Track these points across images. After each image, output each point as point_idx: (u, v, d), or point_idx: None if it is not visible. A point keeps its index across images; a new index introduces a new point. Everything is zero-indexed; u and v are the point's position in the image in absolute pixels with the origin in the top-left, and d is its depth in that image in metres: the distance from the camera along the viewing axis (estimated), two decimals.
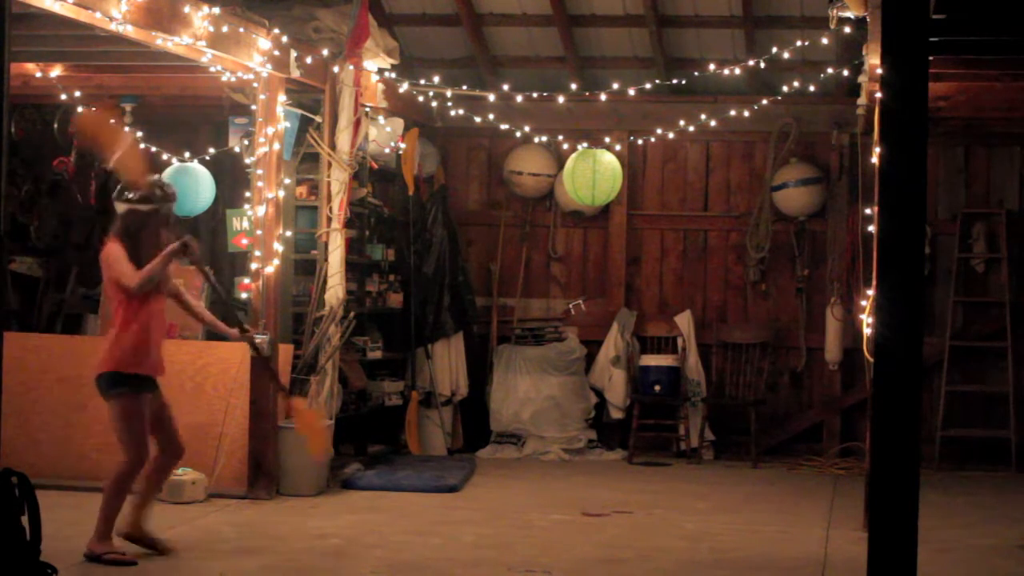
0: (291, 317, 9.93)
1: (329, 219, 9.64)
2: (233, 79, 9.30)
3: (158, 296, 7.28)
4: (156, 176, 7.67)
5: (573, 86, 11.21)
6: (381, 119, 10.51)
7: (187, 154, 9.93)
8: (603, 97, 11.05)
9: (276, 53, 8.83)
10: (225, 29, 8.20)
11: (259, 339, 8.35)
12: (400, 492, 9.35)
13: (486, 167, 12.08)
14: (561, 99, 11.03)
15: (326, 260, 9.64)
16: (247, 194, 9.46)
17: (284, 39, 8.93)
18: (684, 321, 11.54)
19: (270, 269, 9.05)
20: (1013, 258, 11.23)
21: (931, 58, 4.87)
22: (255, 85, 9.08)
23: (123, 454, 7.20)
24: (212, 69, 8.97)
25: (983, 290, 11.38)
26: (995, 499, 9.75)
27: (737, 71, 10.58)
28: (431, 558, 7.32)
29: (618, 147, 11.28)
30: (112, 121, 8.02)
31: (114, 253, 7.16)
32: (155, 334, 7.28)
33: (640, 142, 11.63)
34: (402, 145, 10.81)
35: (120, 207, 7.26)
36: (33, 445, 9.19)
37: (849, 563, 7.33)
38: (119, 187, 7.31)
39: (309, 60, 9.23)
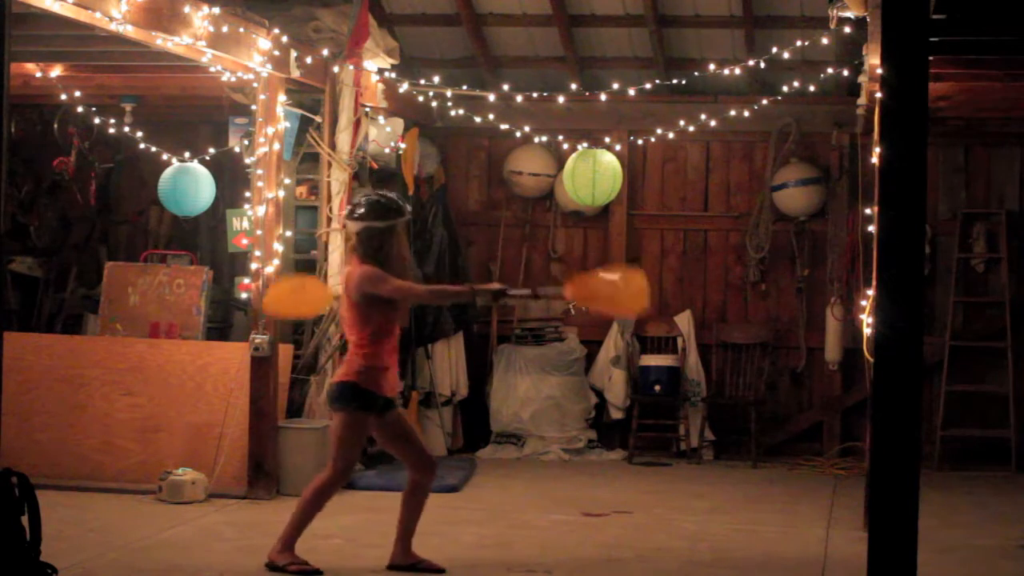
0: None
1: (329, 219, 9.65)
2: (233, 79, 9.30)
3: (396, 320, 7.08)
4: (387, 192, 7.33)
5: (573, 86, 11.21)
6: (381, 119, 10.51)
7: (187, 154, 9.93)
8: (603, 97, 11.05)
9: (276, 53, 8.83)
10: (225, 29, 8.20)
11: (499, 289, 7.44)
12: (400, 492, 9.33)
13: (486, 167, 12.07)
14: (561, 99, 11.03)
15: (326, 260, 9.64)
16: (247, 194, 9.47)
17: (284, 39, 8.93)
18: (684, 321, 11.54)
19: (270, 269, 9.06)
20: (1013, 258, 11.22)
21: (931, 58, 4.86)
22: (255, 85, 9.09)
23: (330, 466, 7.04)
24: (212, 69, 8.98)
25: (983, 290, 11.38)
26: (995, 499, 9.75)
27: (737, 71, 10.58)
28: (431, 558, 7.31)
29: (618, 147, 11.27)
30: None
31: (376, 273, 6.91)
32: (391, 357, 7.10)
33: (640, 142, 11.62)
34: (402, 145, 10.80)
35: (354, 226, 7.03)
36: (33, 445, 9.19)
37: (849, 563, 7.33)
38: (351, 206, 7.12)
39: (309, 60, 9.23)
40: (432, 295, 7.14)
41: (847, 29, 8.78)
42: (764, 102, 11.03)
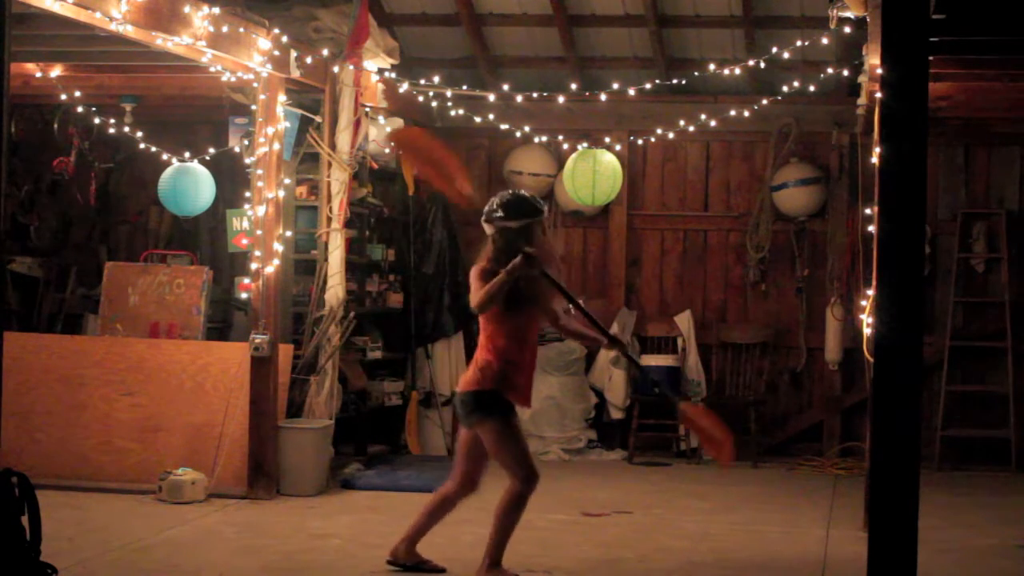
0: (291, 317, 9.93)
1: (329, 219, 9.65)
2: (233, 79, 9.30)
3: (531, 323, 6.84)
4: (522, 191, 7.04)
5: (573, 86, 11.21)
6: (381, 119, 10.51)
7: (187, 154, 9.93)
8: (603, 97, 11.05)
9: (276, 53, 8.83)
10: (225, 29, 8.20)
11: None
12: (400, 492, 9.35)
13: (486, 167, 12.07)
14: (561, 99, 11.02)
15: (326, 260, 9.65)
16: (247, 194, 9.47)
17: (284, 39, 8.93)
18: (684, 321, 11.54)
19: (270, 269, 9.06)
20: (1013, 258, 11.22)
21: (931, 58, 4.86)
22: (255, 85, 9.08)
23: (511, 478, 6.82)
24: (212, 69, 8.98)
25: (983, 290, 11.38)
26: (995, 499, 9.75)
27: (737, 71, 10.58)
28: (431, 558, 7.30)
29: (618, 147, 11.27)
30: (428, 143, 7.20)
31: (473, 272, 6.76)
32: (525, 362, 6.82)
33: (640, 142, 11.63)
34: None
35: (489, 228, 6.84)
36: (33, 445, 9.20)
37: (849, 563, 7.33)
38: (487, 208, 6.86)
39: (309, 60, 9.23)
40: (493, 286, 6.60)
41: (847, 29, 8.78)
42: (764, 102, 11.03)
